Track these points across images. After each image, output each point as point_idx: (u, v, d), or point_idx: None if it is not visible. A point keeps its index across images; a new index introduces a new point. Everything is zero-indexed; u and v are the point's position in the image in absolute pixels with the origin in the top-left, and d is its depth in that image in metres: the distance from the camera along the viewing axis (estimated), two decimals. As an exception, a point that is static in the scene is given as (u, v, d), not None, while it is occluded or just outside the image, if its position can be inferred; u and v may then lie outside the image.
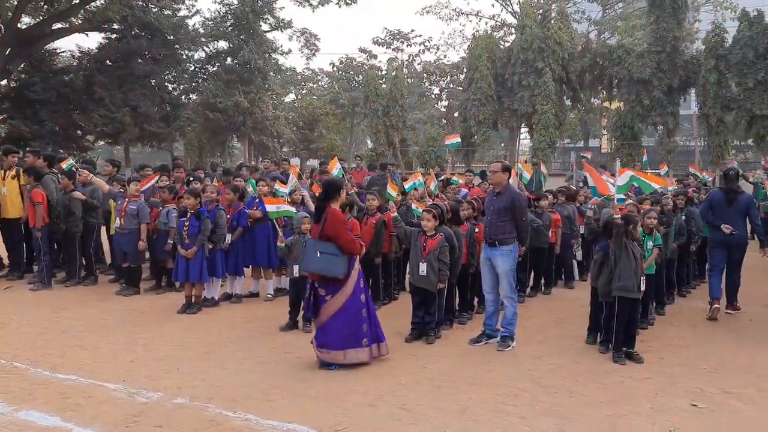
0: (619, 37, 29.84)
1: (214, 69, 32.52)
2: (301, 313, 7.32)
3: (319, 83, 43.02)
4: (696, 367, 6.04)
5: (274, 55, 32.92)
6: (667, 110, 22.71)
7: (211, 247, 8.20)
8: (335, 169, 11.05)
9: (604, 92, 26.47)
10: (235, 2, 31.53)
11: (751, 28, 20.62)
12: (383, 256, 8.43)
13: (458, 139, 13.92)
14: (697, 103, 23.17)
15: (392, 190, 9.23)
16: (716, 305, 7.92)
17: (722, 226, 7.90)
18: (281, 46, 33.71)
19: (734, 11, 27.19)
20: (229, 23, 31.79)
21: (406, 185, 10.10)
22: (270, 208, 8.14)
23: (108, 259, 10.66)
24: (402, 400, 5.13)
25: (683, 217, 8.92)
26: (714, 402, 5.12)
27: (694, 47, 25.42)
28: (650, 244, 7.13)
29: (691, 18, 30.50)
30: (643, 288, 6.29)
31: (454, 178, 12.13)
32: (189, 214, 8.09)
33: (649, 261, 6.98)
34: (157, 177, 9.99)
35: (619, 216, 6.44)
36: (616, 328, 6.21)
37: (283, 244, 7.40)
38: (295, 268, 7.15)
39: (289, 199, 8.85)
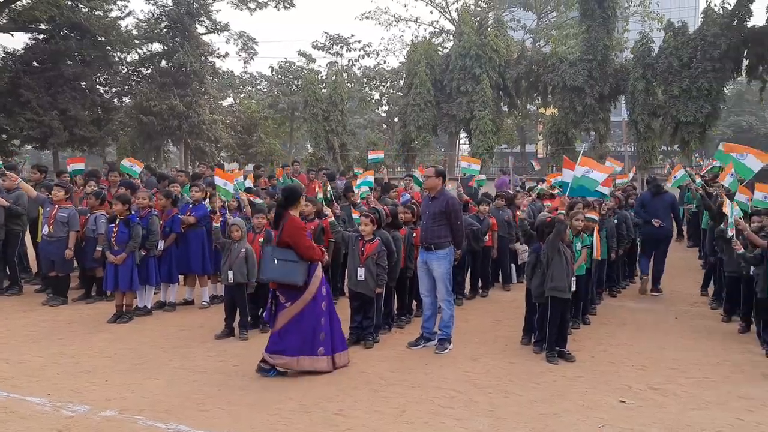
0: (553, 46, 30.71)
1: (148, 71, 31.73)
2: (237, 319, 7.20)
3: (258, 87, 42.51)
4: (625, 364, 6.24)
5: (210, 58, 32.35)
6: (598, 117, 23.53)
7: (143, 254, 7.96)
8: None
9: (540, 99, 27.19)
10: (170, 4, 30.84)
11: (676, 39, 21.58)
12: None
13: (381, 155, 14.11)
14: (626, 110, 24.05)
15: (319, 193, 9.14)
16: (646, 277, 9.54)
17: (653, 220, 9.33)
18: (218, 49, 33.13)
19: (660, 22, 28.41)
20: (163, 25, 31.07)
21: (356, 183, 10.05)
22: (219, 181, 8.05)
23: (34, 268, 10.20)
24: (339, 406, 5.10)
25: (615, 221, 9.20)
26: (640, 398, 5.30)
27: (623, 56, 26.44)
28: (579, 245, 7.31)
29: (621, 28, 31.70)
30: (573, 288, 6.46)
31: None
32: (118, 220, 7.83)
33: (578, 262, 7.17)
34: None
35: (553, 216, 6.58)
36: (549, 329, 6.35)
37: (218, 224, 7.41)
38: (229, 274, 7.03)
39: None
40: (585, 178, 7.03)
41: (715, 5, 21.14)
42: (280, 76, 39.27)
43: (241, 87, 41.73)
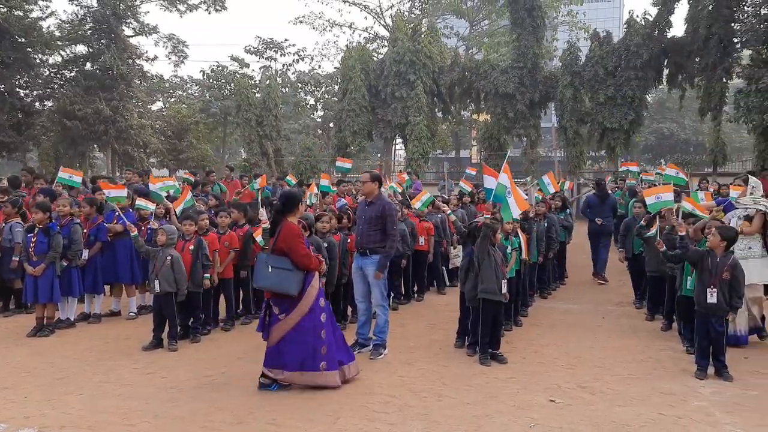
0: (485, 53, 31.29)
1: (72, 74, 30.49)
2: (167, 330, 6.98)
3: (189, 91, 41.51)
4: (555, 364, 6.38)
5: (138, 61, 31.38)
6: (529, 123, 24.12)
7: (65, 264, 7.61)
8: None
9: (473, 105, 27.65)
10: (95, 5, 29.76)
11: (601, 48, 22.37)
12: (251, 269, 8.22)
13: (349, 165, 14.06)
14: (556, 117, 24.75)
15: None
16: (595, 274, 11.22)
17: (596, 219, 10.87)
18: (146, 52, 32.18)
19: (587, 32, 29.36)
20: (88, 26, 29.94)
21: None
22: (153, 187, 7.91)
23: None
24: (272, 415, 5.00)
25: (545, 225, 9.43)
26: (569, 396, 5.43)
27: (552, 64, 27.23)
28: (509, 248, 7.44)
29: (549, 37, 32.67)
30: (505, 291, 6.56)
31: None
32: (36, 229, 7.46)
33: (510, 265, 7.29)
34: None
35: (483, 220, 6.67)
36: (481, 331, 6.43)
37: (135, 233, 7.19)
38: (156, 284, 6.81)
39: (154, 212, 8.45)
40: (500, 186, 7.15)
41: (637, 16, 22.03)
42: (211, 80, 38.46)
43: (171, 91, 40.63)
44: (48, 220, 7.53)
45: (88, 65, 30.25)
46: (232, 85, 35.31)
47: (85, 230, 8.05)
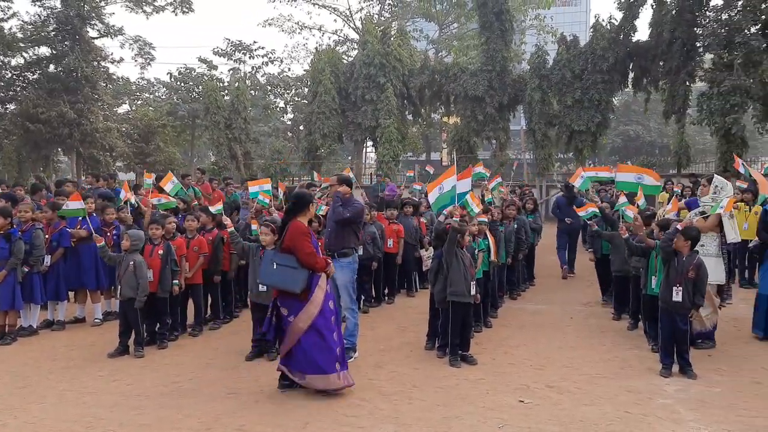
0: (455, 56, 31.52)
1: (35, 77, 29.82)
2: (133, 337, 6.86)
3: (156, 94, 40.94)
4: (524, 364, 6.43)
5: (104, 63, 30.82)
6: (499, 125, 24.31)
7: (26, 270, 7.43)
8: (169, 183, 10.53)
9: (443, 108, 27.79)
10: (58, 6, 29.15)
11: (568, 52, 22.66)
12: (223, 274, 8.15)
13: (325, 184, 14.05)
14: (525, 119, 24.99)
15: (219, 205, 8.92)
16: (565, 267, 11.75)
17: (565, 219, 11.54)
18: (112, 54, 31.58)
19: (554, 35, 29.75)
20: (51, 28, 29.32)
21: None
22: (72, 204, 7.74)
23: None
24: (240, 422, 4.95)
25: (514, 226, 9.50)
26: (538, 396, 5.47)
27: (521, 67, 27.51)
28: (476, 250, 7.46)
29: (518, 40, 32.99)
30: (474, 292, 6.59)
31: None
32: (-3, 235, 7.28)
33: (477, 266, 7.31)
34: None
35: (450, 222, 6.70)
36: (451, 333, 6.45)
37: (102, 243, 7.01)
38: (119, 289, 6.70)
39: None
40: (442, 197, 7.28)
41: (603, 21, 22.39)
42: (179, 83, 37.99)
43: (137, 93, 39.99)
44: (9, 226, 7.35)
45: (52, 67, 29.62)
46: (200, 87, 34.92)
47: (47, 236, 7.87)
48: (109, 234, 8.18)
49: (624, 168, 8.87)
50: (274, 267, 5.42)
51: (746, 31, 17.69)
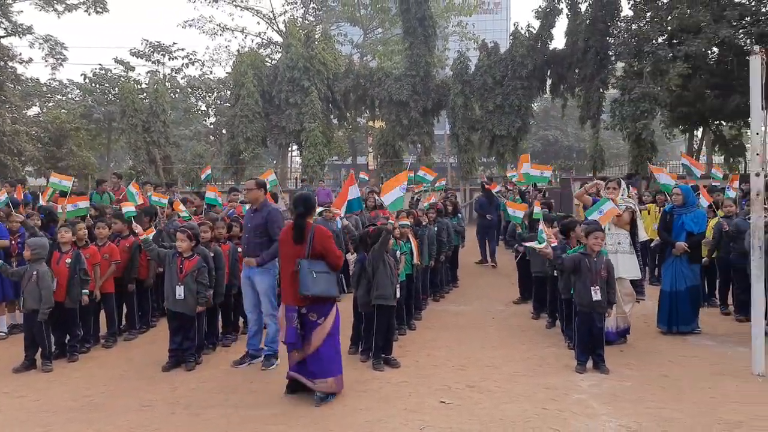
0: (379, 61, 31.68)
1: (-65, 76, 27.90)
2: (39, 351, 6.49)
3: (69, 96, 39.09)
4: (446, 366, 6.49)
5: (11, 64, 29.15)
6: (423, 130, 24.60)
7: None
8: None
9: (368, 112, 27.87)
10: (-40, 2, 27.45)
11: (489, 58, 23.21)
12: (140, 282, 7.85)
13: (209, 171, 13.66)
14: (448, 124, 25.40)
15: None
16: (482, 260, 13.37)
17: (486, 215, 12.98)
18: (20, 54, 29.93)
19: (476, 42, 30.37)
20: (-47, 25, 27.56)
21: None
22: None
23: None
24: (155, 435, 4.76)
25: (435, 229, 9.60)
26: (459, 397, 5.53)
27: (444, 73, 27.94)
28: (398, 253, 7.49)
29: (441, 46, 33.54)
30: (398, 296, 6.61)
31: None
32: None
33: (399, 268, 7.33)
34: None
35: (378, 225, 6.70)
36: (375, 336, 6.44)
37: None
38: (23, 301, 6.34)
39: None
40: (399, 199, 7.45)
41: (522, 29, 23.05)
42: (94, 84, 36.41)
43: (48, 95, 37.96)
44: None
45: (-47, 67, 27.79)
46: (116, 89, 33.63)
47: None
48: (13, 243, 7.73)
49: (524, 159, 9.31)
50: (314, 276, 5.34)
51: (654, 41, 18.61)
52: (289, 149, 31.57)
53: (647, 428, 4.79)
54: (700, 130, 23.37)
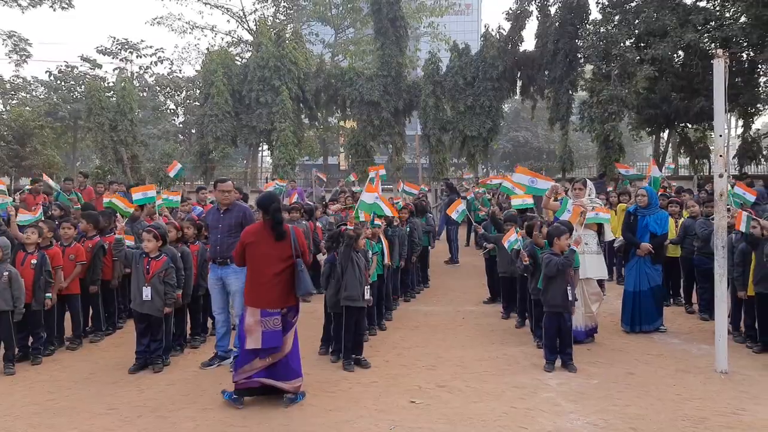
0: (351, 61, 31.60)
1: None
2: (2, 353, 6.34)
3: (33, 93, 38.24)
4: (416, 365, 6.50)
5: (-26, 60, 28.46)
6: (395, 130, 24.65)
7: None
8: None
9: (339, 112, 27.80)
10: None
11: (461, 59, 23.33)
12: (105, 283, 7.71)
13: (179, 166, 13.08)
14: (420, 124, 25.47)
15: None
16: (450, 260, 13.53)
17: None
18: (-18, 50, 29.26)
19: (447, 43, 30.51)
20: None
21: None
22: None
23: None
24: (120, 439, 4.68)
25: (407, 229, 9.61)
26: (429, 396, 5.55)
27: (415, 73, 28.01)
28: (370, 253, 7.48)
29: (413, 47, 33.59)
30: (368, 296, 6.60)
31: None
32: None
33: (371, 269, 7.33)
34: None
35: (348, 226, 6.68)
36: (345, 337, 6.42)
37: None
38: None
39: None
40: (376, 205, 7.41)
41: (492, 30, 23.22)
42: (59, 82, 35.68)
43: (12, 93, 37.09)
44: None
45: None
46: (82, 87, 33.00)
47: None
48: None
49: (521, 170, 9.22)
50: (305, 274, 5.36)
51: (622, 44, 18.89)
52: (260, 149, 31.31)
53: (614, 425, 4.86)
54: (666, 132, 23.80)
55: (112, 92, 26.59)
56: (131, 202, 8.66)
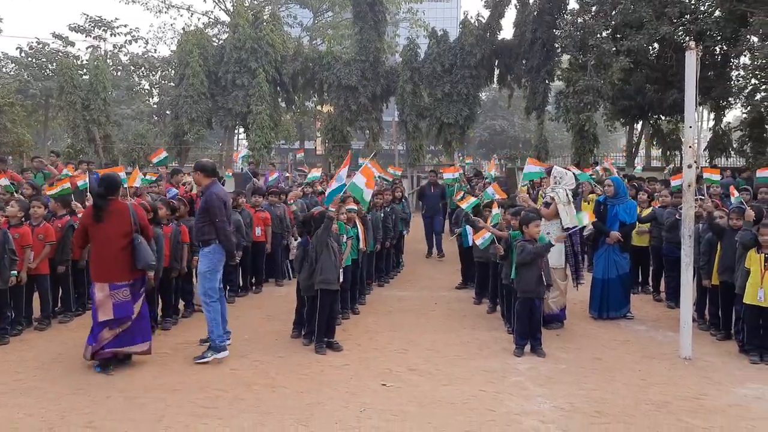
0: (329, 45, 31.36)
1: None
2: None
3: (4, 70, 37.35)
4: (388, 349, 6.55)
5: (-60, 33, 27.69)
6: (372, 116, 24.55)
7: None
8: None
9: (316, 96, 27.60)
10: None
11: (439, 46, 23.28)
12: (74, 263, 7.61)
13: (164, 154, 12.69)
14: (397, 110, 25.42)
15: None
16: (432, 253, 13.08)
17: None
18: (-50, 24, 28.42)
19: (426, 29, 30.40)
20: None
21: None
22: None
23: None
24: (88, 417, 4.67)
25: (382, 215, 9.64)
26: (400, 379, 5.60)
27: (393, 59, 27.89)
28: (344, 237, 7.48)
29: (391, 32, 33.43)
30: (342, 280, 6.62)
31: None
32: None
33: (345, 254, 7.34)
34: None
35: (323, 210, 6.68)
36: (318, 320, 6.44)
37: None
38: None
39: None
40: (354, 186, 7.21)
41: (471, 18, 23.20)
42: (30, 59, 34.87)
43: (-19, 70, 36.30)
44: None
45: None
46: (54, 64, 32.30)
47: None
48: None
49: (532, 161, 9.18)
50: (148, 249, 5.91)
51: (599, 35, 19.01)
52: (236, 132, 30.99)
53: (580, 408, 4.96)
54: (640, 123, 24.09)
55: (84, 70, 26.08)
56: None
